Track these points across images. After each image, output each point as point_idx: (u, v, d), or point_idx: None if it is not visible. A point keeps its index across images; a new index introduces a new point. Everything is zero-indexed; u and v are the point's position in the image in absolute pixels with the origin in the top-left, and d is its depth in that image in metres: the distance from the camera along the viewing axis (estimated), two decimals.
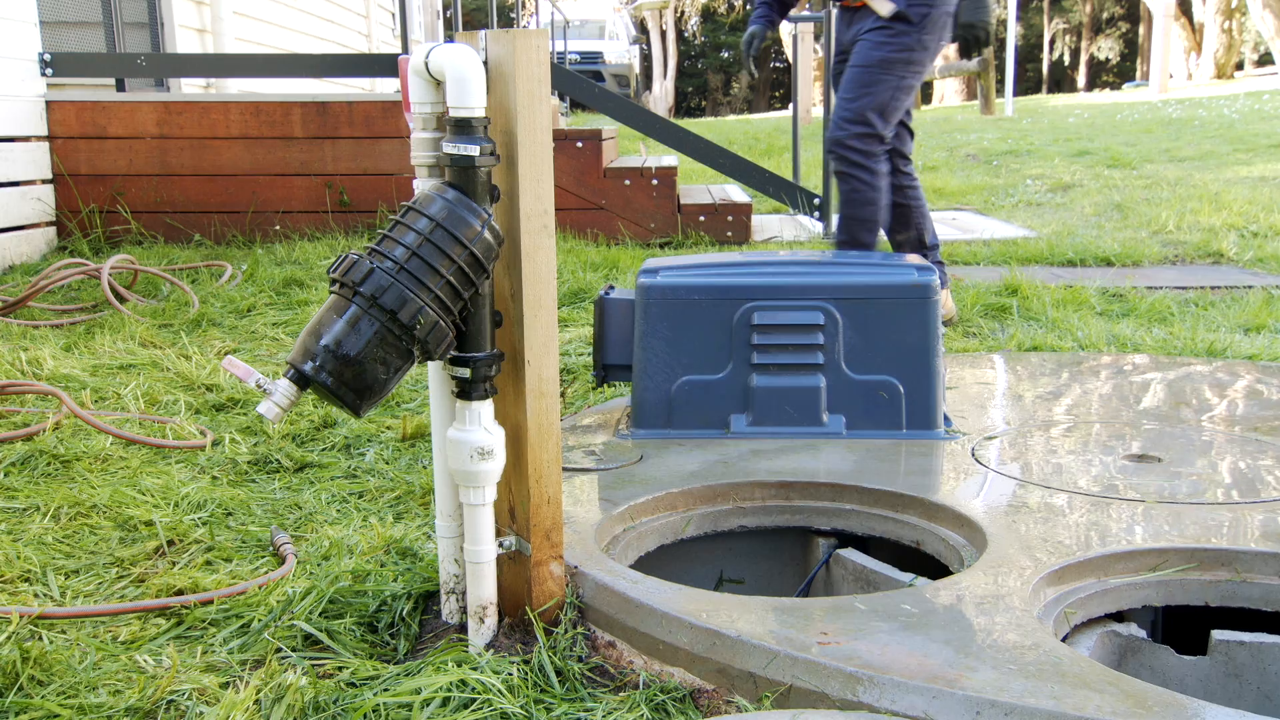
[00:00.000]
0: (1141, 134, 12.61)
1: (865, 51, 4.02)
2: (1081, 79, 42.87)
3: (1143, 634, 1.92)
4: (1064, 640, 1.84)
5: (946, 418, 2.82)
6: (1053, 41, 44.28)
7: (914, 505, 2.31)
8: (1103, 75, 43.64)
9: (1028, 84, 40.58)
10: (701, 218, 6.71)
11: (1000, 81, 18.89)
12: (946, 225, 7.49)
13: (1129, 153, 10.77)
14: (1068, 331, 4.28)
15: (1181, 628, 2.14)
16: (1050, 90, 39.46)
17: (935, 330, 2.76)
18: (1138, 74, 38.38)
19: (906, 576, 2.08)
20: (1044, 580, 1.90)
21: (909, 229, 4.32)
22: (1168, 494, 2.32)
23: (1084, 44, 43.87)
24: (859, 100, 4.00)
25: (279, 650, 1.93)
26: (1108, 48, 44.19)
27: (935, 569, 2.16)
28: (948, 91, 28.42)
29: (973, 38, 4.07)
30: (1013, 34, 18.35)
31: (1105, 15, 43.58)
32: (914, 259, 2.87)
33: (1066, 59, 45.44)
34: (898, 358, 2.76)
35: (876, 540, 2.34)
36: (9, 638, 1.99)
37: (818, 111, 15.64)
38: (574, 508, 2.27)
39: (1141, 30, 39.54)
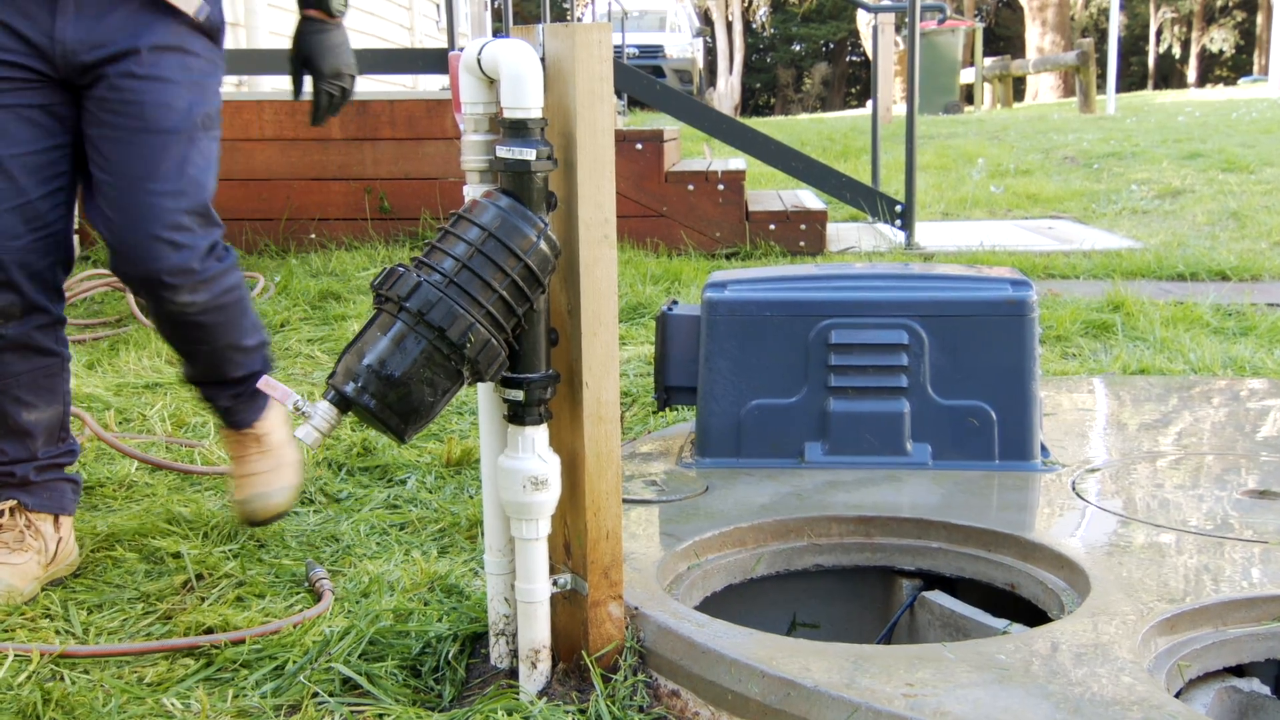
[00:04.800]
0: (1260, 134, 12.43)
1: (156, 91, 2.36)
2: (1192, 73, 42.41)
3: (1265, 690, 1.89)
4: (1177, 696, 1.81)
5: (1043, 447, 2.80)
6: (1160, 32, 43.86)
7: (1008, 544, 2.29)
8: (1216, 69, 43.14)
9: (1132, 79, 40.22)
10: (771, 226, 6.70)
11: (1101, 76, 18.73)
12: (1042, 234, 7.43)
13: (1246, 155, 10.62)
14: (1178, 353, 4.23)
15: None
16: (1157, 86, 39.07)
17: (1032, 351, 2.74)
18: (1255, 68, 37.89)
19: (1000, 623, 2.06)
20: (1154, 629, 1.88)
21: (55, 402, 2.52)
22: None
23: (1195, 35, 43.41)
24: (181, 180, 2.38)
25: (315, 695, 1.95)
26: (1221, 39, 43.69)
27: (1032, 615, 2.14)
28: (1042, 87, 28.22)
29: (338, 91, 2.67)
30: (1116, 24, 18.19)
31: (1219, 4, 43.10)
32: (1007, 272, 2.86)
33: (1176, 52, 44.98)
34: (990, 381, 2.74)
35: (966, 582, 2.32)
36: (29, 677, 2.03)
37: (899, 109, 15.60)
38: (634, 543, 2.27)
39: (1259, 20, 39.04)
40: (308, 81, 2.67)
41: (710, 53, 36.58)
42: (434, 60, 7.29)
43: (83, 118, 2.38)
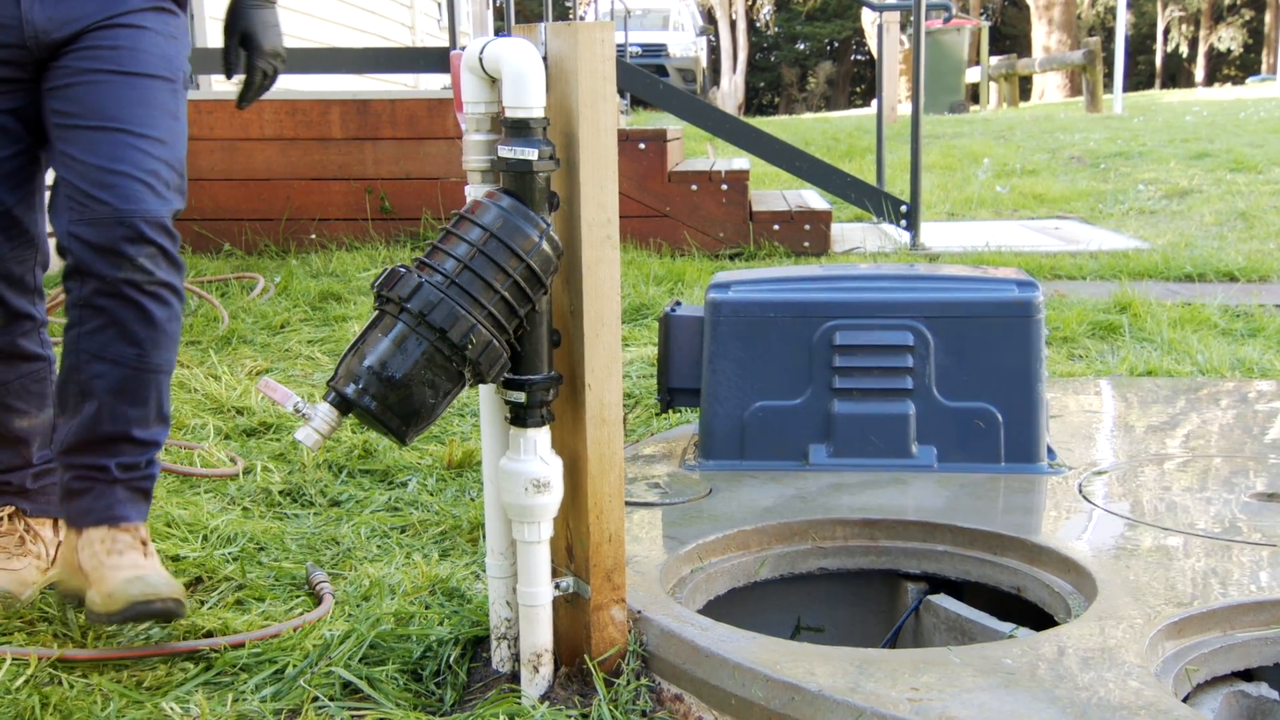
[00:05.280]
0: (1268, 134, 12.42)
1: (136, 37, 2.22)
2: (1200, 72, 42.39)
3: (1274, 695, 1.89)
4: (1185, 700, 1.81)
5: (1050, 450, 2.80)
6: (1167, 31, 43.84)
7: (1014, 547, 2.29)
8: (1224, 68, 43.11)
9: (1139, 78, 40.22)
10: (775, 226, 6.70)
11: (1108, 75, 18.75)
12: (1048, 235, 7.43)
13: (1254, 155, 10.61)
14: (1186, 354, 4.23)
15: None
16: (1164, 85, 39.06)
17: (1038, 352, 2.74)
18: (1263, 66, 37.87)
19: (1006, 627, 2.06)
20: (1161, 633, 1.88)
21: (46, 406, 2.45)
22: None
23: (1202, 34, 43.39)
24: (161, 129, 2.25)
25: (315, 699, 1.95)
26: (1229, 38, 43.67)
27: (1038, 618, 2.14)
28: (1049, 87, 28.22)
29: (272, 70, 2.54)
30: (1123, 23, 18.18)
31: (1227, 2, 43.08)
32: (1013, 273, 2.85)
33: (1183, 50, 44.96)
34: (996, 383, 2.74)
35: (972, 585, 2.32)
36: (27, 681, 2.03)
37: (904, 109, 15.60)
38: (636, 546, 2.27)
39: (1268, 18, 39.03)
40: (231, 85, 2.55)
41: (714, 51, 36.58)
42: (435, 59, 7.29)
43: (49, 77, 2.20)
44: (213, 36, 8.16)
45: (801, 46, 44.93)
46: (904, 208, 6.97)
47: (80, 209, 2.15)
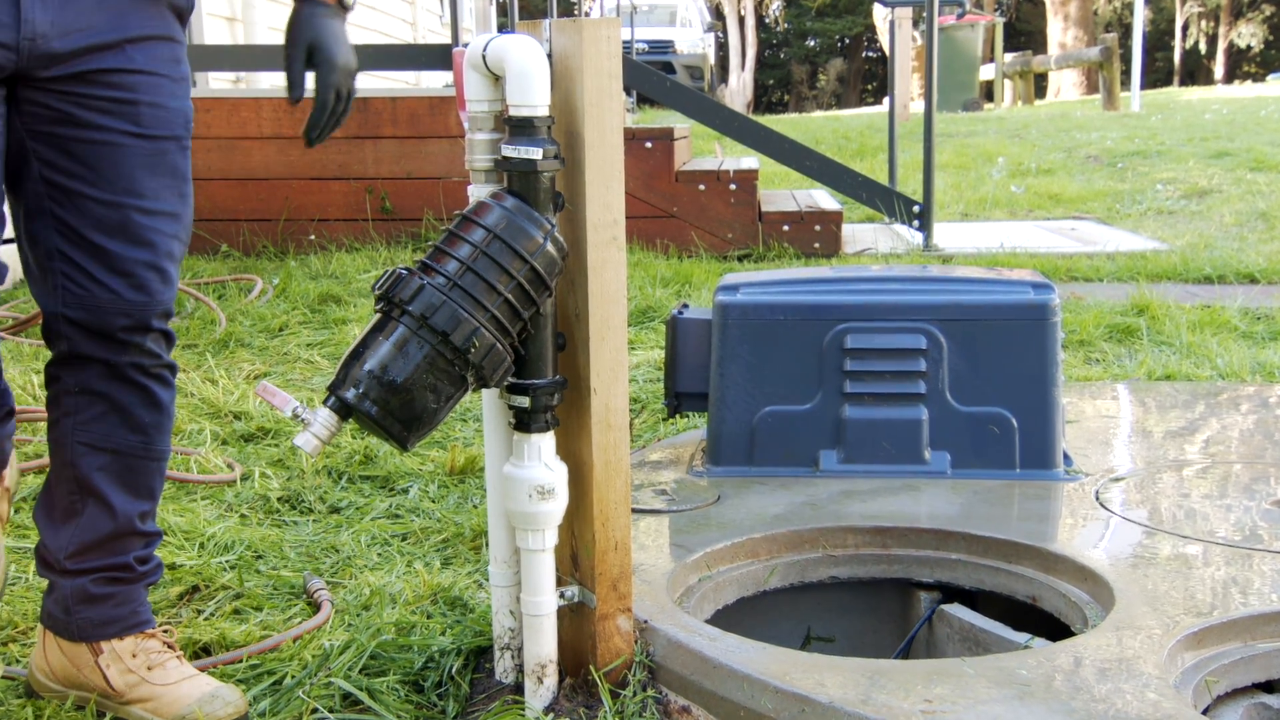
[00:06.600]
0: None
1: (150, 88, 1.97)
2: (1219, 70, 42.33)
3: None
4: (1204, 713, 1.81)
5: (1066, 456, 2.80)
6: (1186, 27, 43.81)
7: (1029, 555, 2.28)
8: (1244, 65, 43.06)
9: (1157, 75, 40.18)
10: (785, 227, 6.70)
11: (1125, 73, 18.73)
12: (1064, 236, 7.42)
13: (1275, 154, 10.60)
14: (1205, 358, 4.22)
15: None
16: (1183, 83, 39.02)
17: (1054, 356, 2.74)
18: None
19: (1021, 637, 2.06)
20: (1180, 644, 1.88)
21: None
22: None
23: (1222, 30, 43.34)
24: (179, 215, 2.02)
25: (315, 711, 1.95)
26: (1249, 34, 43.61)
27: (1054, 628, 2.14)
28: (1065, 84, 28.21)
29: (346, 92, 2.12)
30: (1140, 19, 18.17)
31: None
32: (1029, 275, 2.85)
33: (1202, 47, 44.92)
34: (1011, 387, 2.74)
35: (986, 595, 2.31)
36: (20, 693, 2.03)
37: (917, 107, 15.59)
38: (643, 554, 2.27)
39: None
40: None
41: (722, 48, 36.57)
42: (437, 56, 7.30)
43: (39, 113, 1.92)
44: (210, 34, 8.18)
45: (812, 43, 44.91)
46: (916, 208, 6.97)
47: (80, 292, 1.95)
